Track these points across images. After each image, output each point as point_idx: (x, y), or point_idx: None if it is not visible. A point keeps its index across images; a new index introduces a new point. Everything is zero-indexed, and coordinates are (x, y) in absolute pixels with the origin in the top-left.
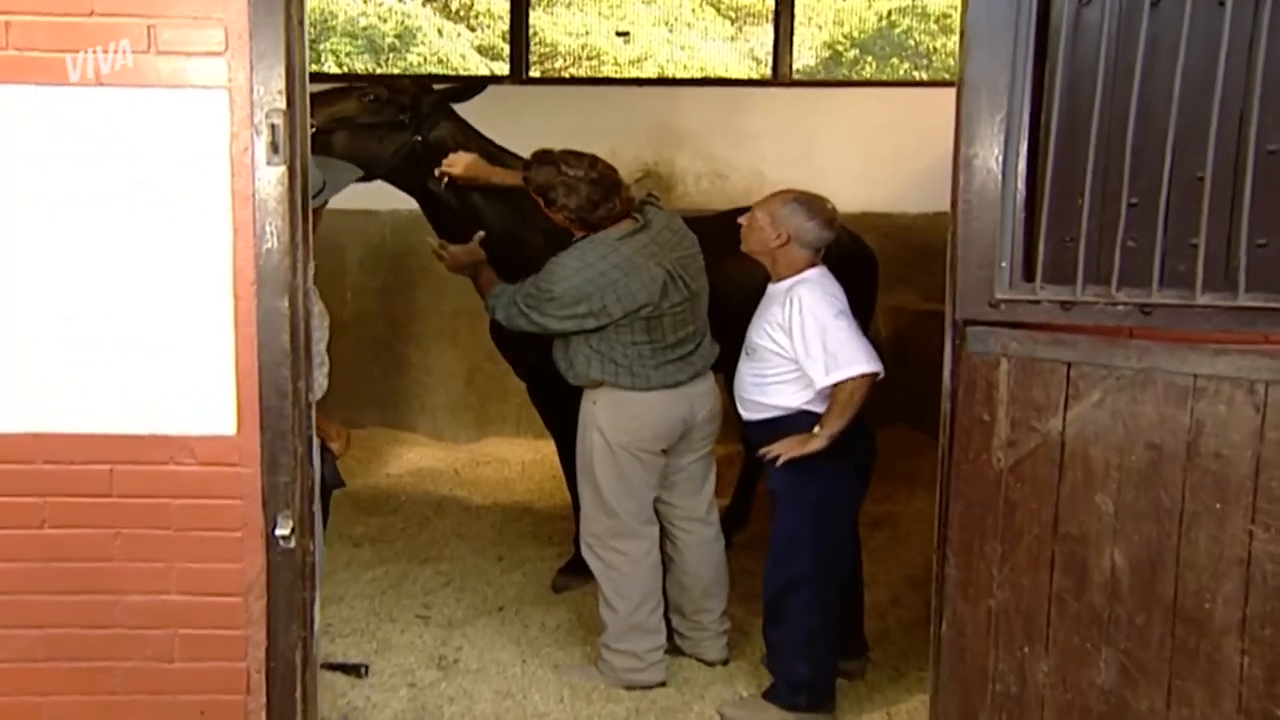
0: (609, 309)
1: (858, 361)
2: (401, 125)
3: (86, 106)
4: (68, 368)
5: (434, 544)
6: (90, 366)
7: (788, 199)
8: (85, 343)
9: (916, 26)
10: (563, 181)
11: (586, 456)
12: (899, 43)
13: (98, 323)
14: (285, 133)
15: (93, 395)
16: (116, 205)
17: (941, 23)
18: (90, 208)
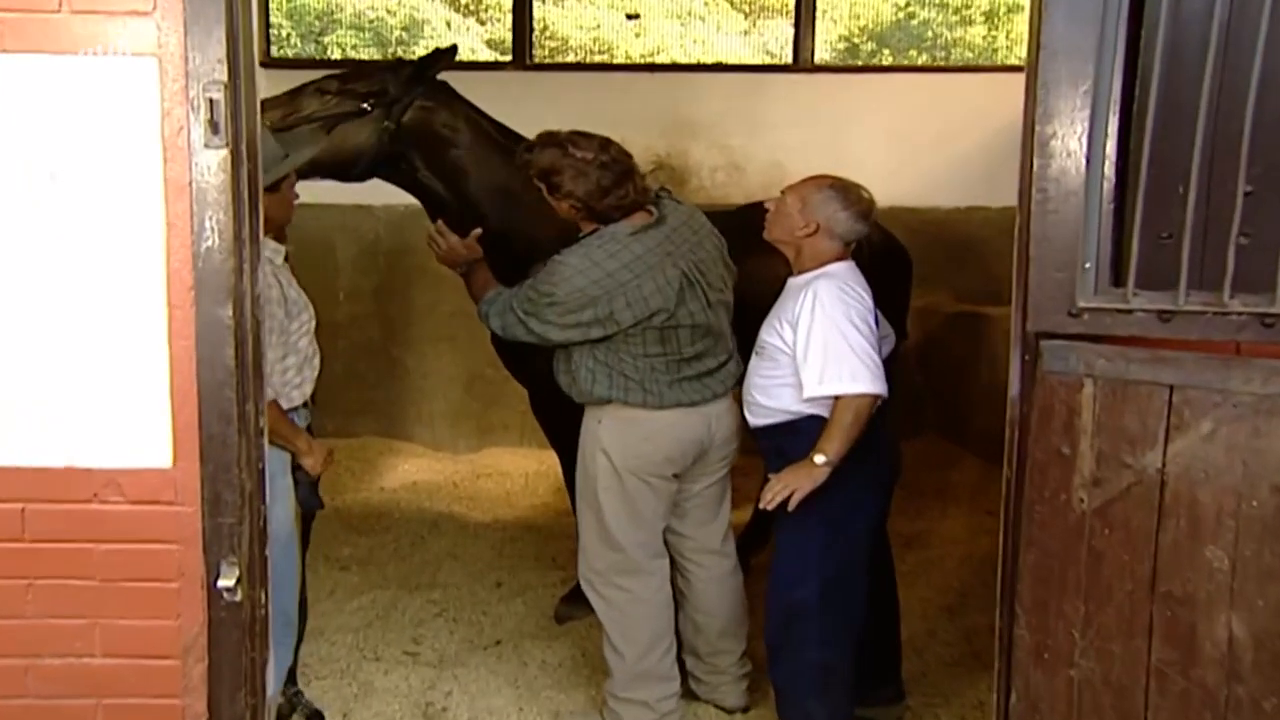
0: (617, 316)
1: (858, 378)
2: (365, 114)
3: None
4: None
5: (427, 567)
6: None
7: (823, 184)
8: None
9: (935, 18)
10: (569, 164)
11: (589, 481)
12: (917, 35)
13: (3, 337)
14: (227, 109)
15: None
16: (24, 199)
17: (962, 13)
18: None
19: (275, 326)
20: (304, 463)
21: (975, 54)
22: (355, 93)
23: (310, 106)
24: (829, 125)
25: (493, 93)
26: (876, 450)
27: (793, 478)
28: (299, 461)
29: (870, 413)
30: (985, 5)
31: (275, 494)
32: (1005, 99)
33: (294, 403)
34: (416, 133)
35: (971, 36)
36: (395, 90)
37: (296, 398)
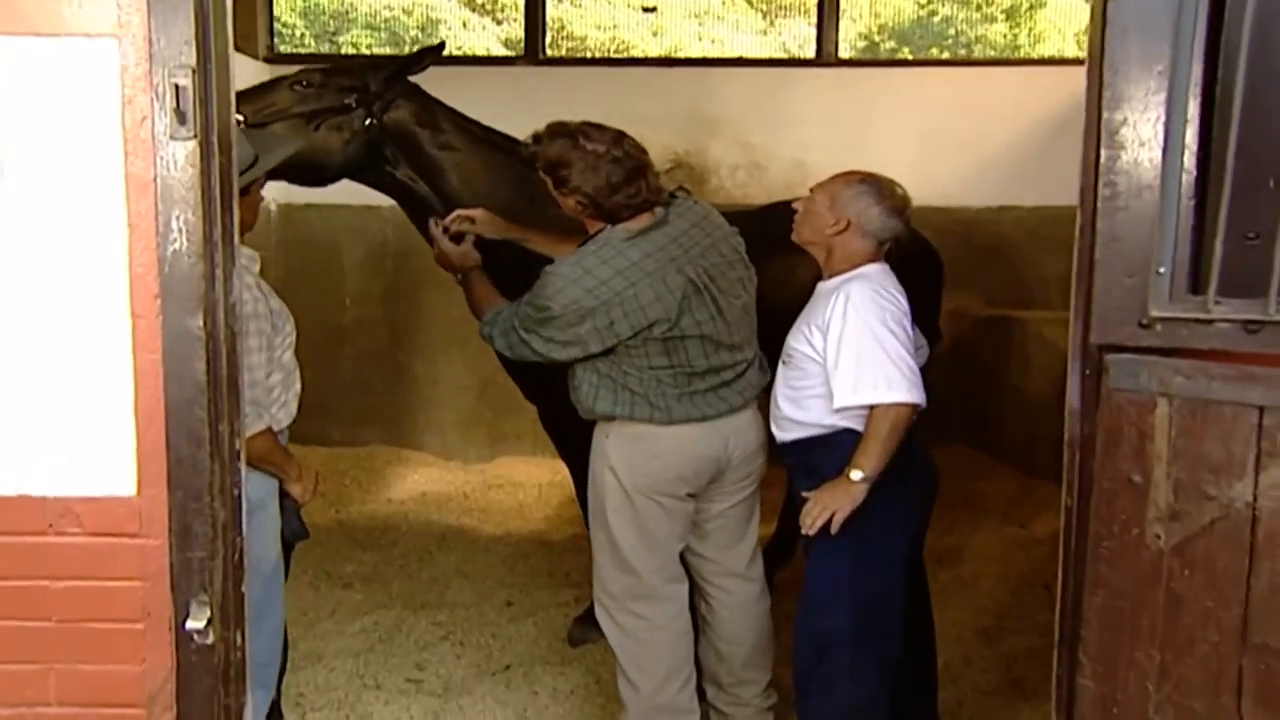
0: (616, 326)
1: (894, 386)
2: (346, 109)
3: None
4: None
5: (435, 585)
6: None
7: (853, 180)
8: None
9: (957, 15)
10: (579, 157)
11: (598, 500)
12: (939, 32)
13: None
14: (196, 97)
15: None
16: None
17: (984, 10)
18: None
19: (263, 342)
20: (292, 490)
21: (997, 52)
22: (336, 87)
23: (285, 101)
24: (853, 122)
25: (504, 90)
26: (913, 466)
27: (830, 498)
28: (287, 488)
29: (909, 423)
30: (1007, 3)
31: (262, 523)
32: (1037, 94)
33: (281, 424)
34: (397, 131)
35: (993, 34)
36: (377, 86)
37: (283, 418)
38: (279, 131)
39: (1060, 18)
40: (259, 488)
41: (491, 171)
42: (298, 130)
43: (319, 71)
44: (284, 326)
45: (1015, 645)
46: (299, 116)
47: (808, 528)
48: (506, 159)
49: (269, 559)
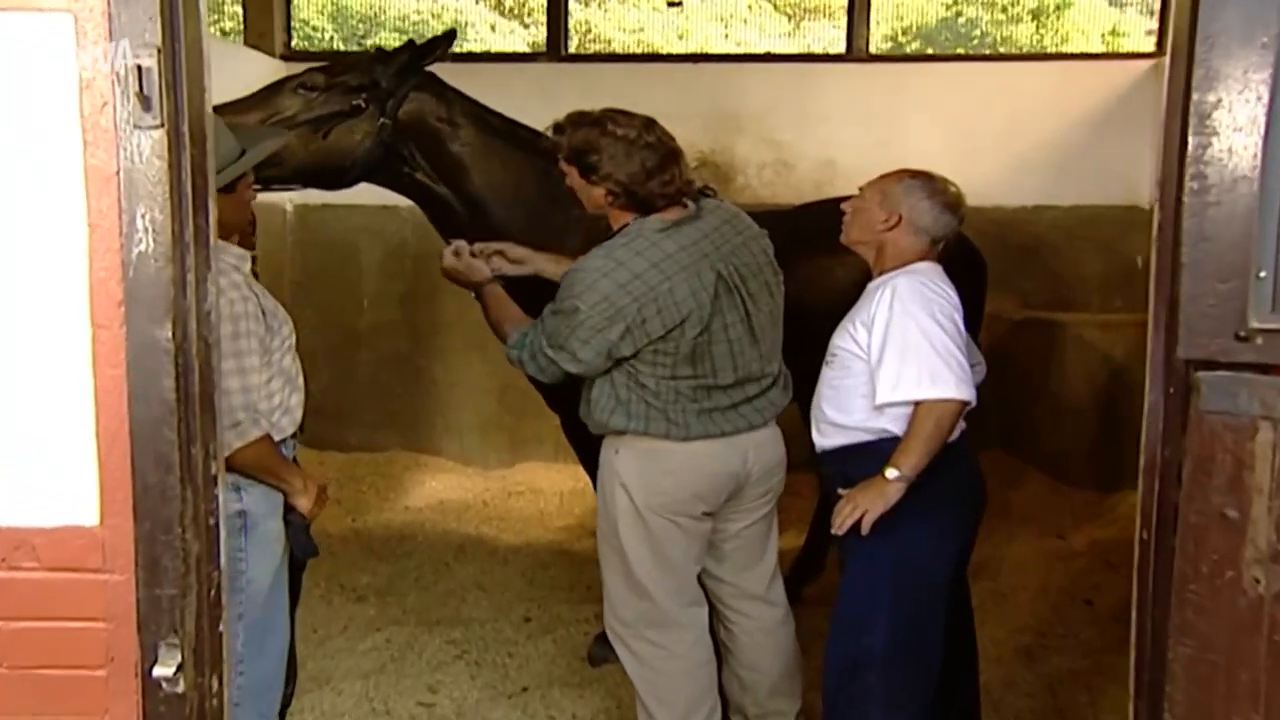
0: (648, 326)
1: (939, 381)
2: (358, 110)
3: None
4: None
5: (451, 598)
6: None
7: (903, 175)
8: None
9: (983, 16)
10: (609, 143)
11: (609, 520)
12: (964, 34)
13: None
14: (163, 80)
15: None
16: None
17: (1009, 11)
18: None
19: (255, 345)
20: (297, 504)
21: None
22: (345, 88)
23: (292, 107)
24: (884, 119)
25: (525, 86)
26: (962, 475)
27: (863, 497)
28: (292, 502)
29: (954, 422)
30: (1032, 3)
31: (263, 541)
32: (1076, 89)
33: (284, 432)
34: (414, 129)
35: (1019, 35)
36: (388, 83)
37: (286, 425)
38: (288, 141)
39: (1086, 19)
40: (258, 502)
41: (514, 169)
42: (307, 140)
43: (324, 71)
44: (281, 328)
45: (1058, 666)
46: (306, 124)
47: (837, 527)
48: (529, 155)
49: (267, 580)
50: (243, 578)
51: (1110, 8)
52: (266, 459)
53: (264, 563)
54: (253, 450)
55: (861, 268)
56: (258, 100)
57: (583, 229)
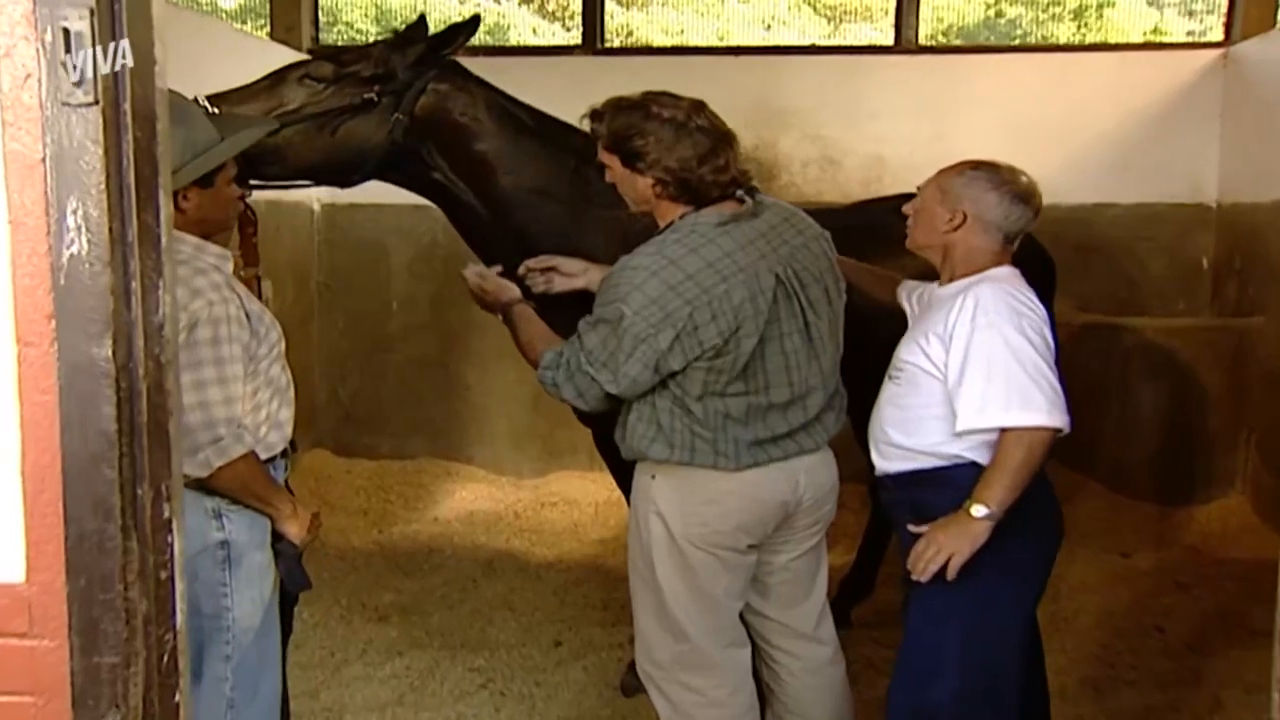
0: (701, 334)
1: (1031, 405)
2: (370, 105)
3: None
4: None
5: (478, 619)
6: None
7: (963, 168)
8: None
9: (1025, 15)
10: (655, 127)
11: (642, 551)
12: (1005, 33)
13: None
14: (99, 46)
15: None
16: None
17: (1051, 10)
18: None
19: (239, 352)
20: (286, 530)
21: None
22: (356, 79)
23: (297, 99)
24: (935, 113)
25: (560, 80)
26: (1040, 507)
27: (947, 537)
28: (279, 529)
29: (1046, 452)
30: (1074, 3)
31: (250, 574)
32: (1138, 80)
33: (273, 448)
34: (432, 125)
35: (1059, 34)
36: (404, 74)
37: (275, 441)
38: (291, 137)
39: (1126, 18)
40: (243, 530)
41: (543, 167)
42: (312, 136)
43: (333, 60)
44: (268, 335)
45: (1130, 702)
46: (313, 119)
47: (919, 573)
48: (559, 152)
49: (256, 616)
50: (229, 615)
51: (1149, 8)
52: (251, 480)
53: (252, 598)
54: (236, 469)
55: (923, 271)
56: (258, 90)
57: (620, 232)
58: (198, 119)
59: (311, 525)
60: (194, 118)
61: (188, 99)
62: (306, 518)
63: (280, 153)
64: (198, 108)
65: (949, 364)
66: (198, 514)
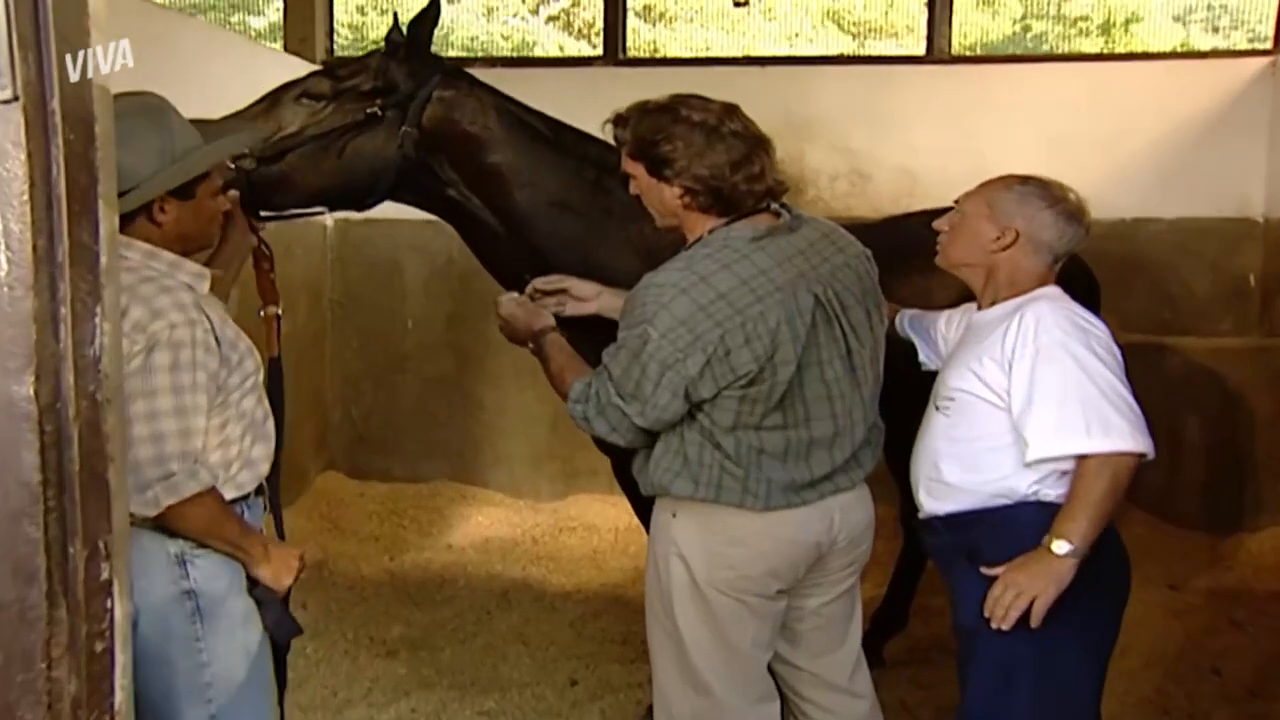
0: (733, 359)
1: (1112, 429)
2: (374, 120)
3: None
4: None
5: (489, 655)
6: None
7: (1012, 182)
8: None
9: (1051, 30)
10: (686, 131)
11: (661, 596)
12: (1031, 48)
13: None
14: (15, 31)
15: None
16: None
17: (1079, 25)
18: None
19: (203, 380)
20: (259, 575)
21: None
22: (355, 94)
23: (296, 121)
24: (968, 125)
25: (580, 92)
26: (1118, 557)
27: (1028, 578)
28: (252, 574)
29: (1129, 480)
30: (1101, 18)
31: (230, 627)
32: (1180, 91)
33: (243, 488)
34: (443, 136)
35: (1086, 49)
36: (405, 83)
37: (246, 481)
38: (296, 162)
39: (1151, 34)
40: (212, 577)
41: (560, 178)
42: (320, 159)
43: (329, 76)
44: (242, 363)
45: None
46: (316, 141)
47: (1000, 620)
48: (577, 162)
49: (242, 669)
50: (207, 671)
51: (1175, 23)
52: (211, 520)
53: (233, 650)
54: (191, 509)
55: (961, 291)
56: (255, 115)
57: (644, 249)
58: (174, 124)
59: (295, 566)
60: (169, 122)
61: (165, 101)
62: (286, 560)
63: (288, 180)
64: (175, 112)
65: (1012, 389)
66: (160, 561)
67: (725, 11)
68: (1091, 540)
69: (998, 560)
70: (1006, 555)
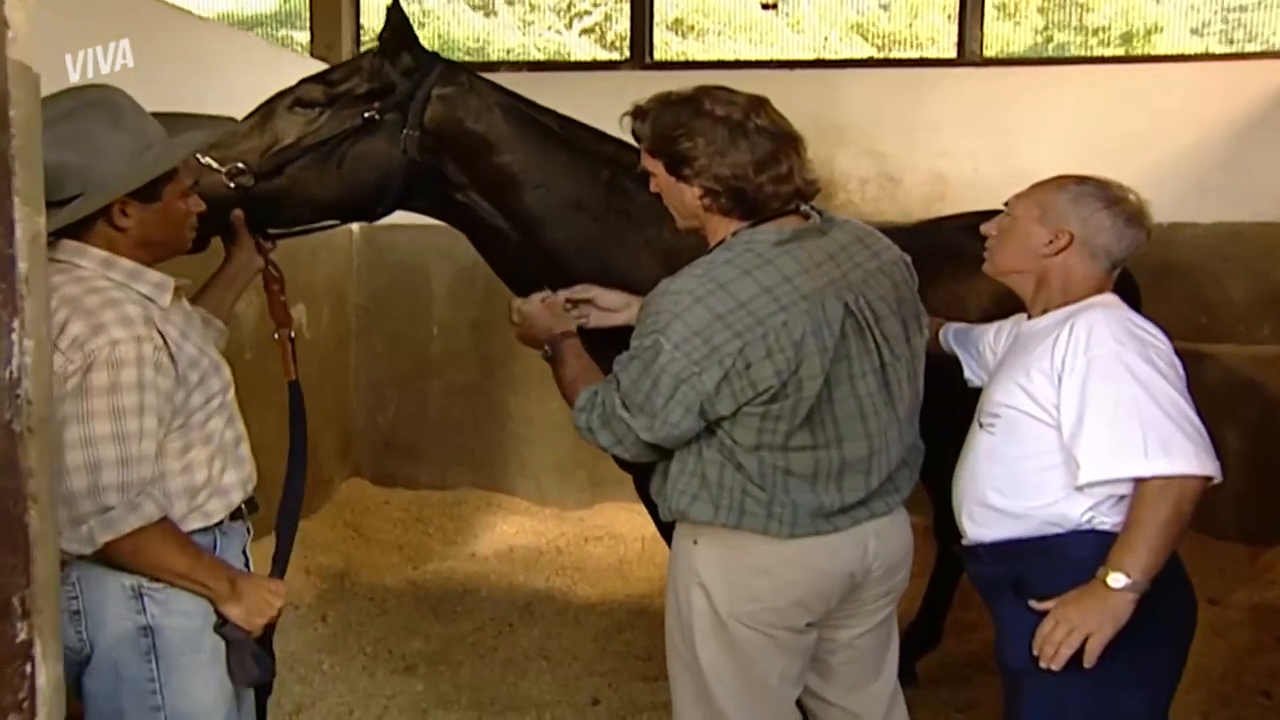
0: (754, 373)
1: (1174, 450)
2: (373, 125)
3: None
4: None
5: (510, 670)
6: None
7: (1066, 183)
8: None
9: (1073, 40)
10: (708, 126)
11: (682, 628)
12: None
13: None
14: None
15: None
16: None
17: (1100, 35)
18: None
19: (151, 402)
20: (228, 613)
21: None
22: (351, 97)
23: (293, 130)
24: (1002, 128)
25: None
26: (1175, 585)
27: (1081, 614)
28: (220, 610)
29: (1195, 506)
30: (1123, 28)
31: (201, 667)
32: (1218, 92)
33: (211, 517)
34: (447, 136)
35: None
36: (403, 84)
37: (215, 510)
38: (297, 175)
39: (1170, 46)
40: (172, 613)
41: (573, 179)
42: (321, 171)
43: (321, 81)
44: (207, 382)
45: None
46: (314, 151)
47: (1050, 659)
48: (592, 162)
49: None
50: (159, 716)
51: (1194, 36)
52: (161, 556)
53: (194, 695)
54: (134, 546)
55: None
56: (249, 130)
57: (665, 253)
58: (130, 119)
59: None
60: (125, 117)
61: (121, 93)
62: (260, 596)
63: (290, 194)
64: (133, 106)
65: (1062, 404)
66: (113, 593)
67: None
68: (1153, 573)
69: (1048, 593)
70: (1058, 588)
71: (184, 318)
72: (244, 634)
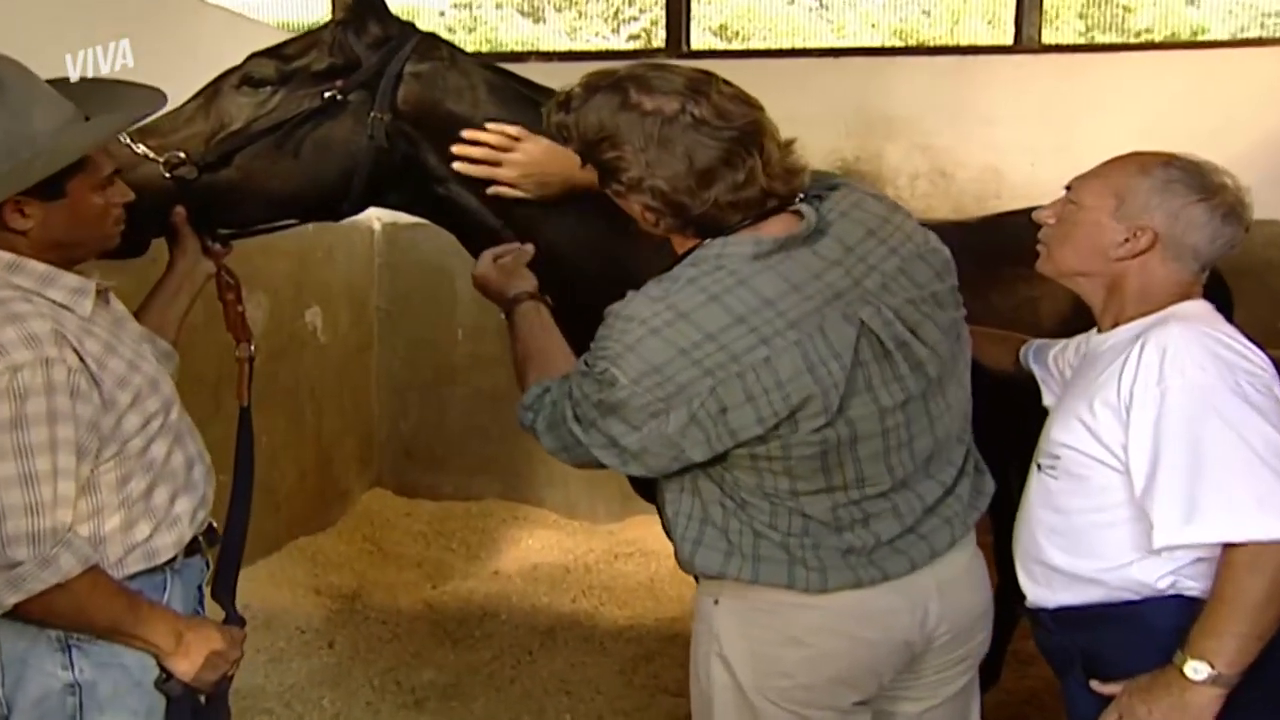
0: (732, 419)
1: (1272, 509)
2: (335, 106)
3: None
4: None
5: (528, 704)
6: None
7: (1150, 164)
8: None
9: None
10: (632, 126)
11: (703, 702)
12: None
13: None
14: None
15: None
16: None
17: (1144, 37)
18: None
19: (66, 435)
20: (173, 667)
21: None
22: (309, 74)
23: (241, 114)
24: (1061, 120)
25: None
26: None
27: (1147, 706)
28: (164, 664)
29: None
30: (1164, 31)
31: None
32: None
33: (157, 557)
34: (423, 119)
35: None
36: (370, 59)
37: (163, 547)
38: (246, 166)
39: None
40: (104, 668)
41: None
42: (274, 160)
43: (274, 56)
44: (141, 403)
45: None
46: (266, 137)
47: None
48: None
49: None
50: None
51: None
52: (85, 611)
53: None
54: (51, 601)
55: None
56: (192, 112)
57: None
58: (20, 100)
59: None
60: (13, 98)
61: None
62: (210, 647)
63: (239, 188)
64: (32, 82)
65: (1131, 446)
66: (37, 647)
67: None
68: (1242, 665)
69: (1123, 670)
70: (1135, 664)
71: (111, 326)
72: (185, 689)
